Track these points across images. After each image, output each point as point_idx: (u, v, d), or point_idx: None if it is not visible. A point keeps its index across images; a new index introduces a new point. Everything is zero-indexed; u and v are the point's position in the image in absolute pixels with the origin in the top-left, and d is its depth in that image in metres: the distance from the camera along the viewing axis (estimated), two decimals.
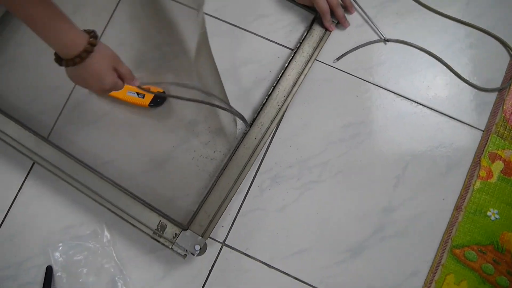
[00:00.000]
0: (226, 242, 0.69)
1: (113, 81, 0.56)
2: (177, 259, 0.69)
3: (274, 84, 0.71)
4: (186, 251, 0.67)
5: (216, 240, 0.69)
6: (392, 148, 0.71)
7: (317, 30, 0.73)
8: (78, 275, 0.69)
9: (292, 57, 0.72)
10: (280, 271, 0.68)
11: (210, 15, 0.77)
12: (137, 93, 0.69)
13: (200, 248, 0.66)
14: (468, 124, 0.71)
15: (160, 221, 0.67)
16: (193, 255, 0.67)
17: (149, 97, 0.69)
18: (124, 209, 0.67)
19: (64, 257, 0.70)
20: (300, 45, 0.72)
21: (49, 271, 0.69)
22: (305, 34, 0.73)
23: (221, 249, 0.69)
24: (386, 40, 0.73)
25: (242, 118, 0.67)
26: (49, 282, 0.69)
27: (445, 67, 0.72)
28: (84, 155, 0.72)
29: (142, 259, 0.69)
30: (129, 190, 0.69)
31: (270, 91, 0.71)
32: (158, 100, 0.70)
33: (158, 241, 0.67)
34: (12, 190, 0.72)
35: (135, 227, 0.67)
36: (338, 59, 0.72)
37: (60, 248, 0.70)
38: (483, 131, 0.71)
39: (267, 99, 0.71)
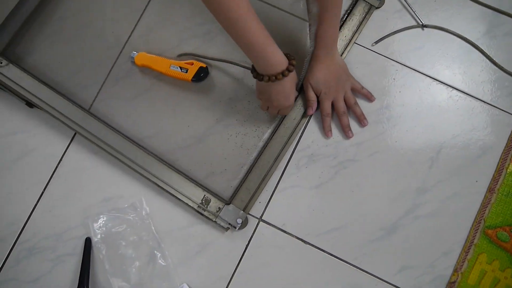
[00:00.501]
0: (263, 218, 0.71)
1: (293, 101, 0.66)
2: (214, 234, 0.70)
3: None
4: (229, 224, 0.68)
5: (254, 216, 0.71)
6: (427, 131, 0.72)
7: (357, 15, 0.74)
8: (117, 247, 0.70)
9: None
10: (315, 247, 0.70)
11: None
12: (180, 68, 0.71)
13: (242, 222, 0.68)
14: (502, 110, 0.72)
15: (205, 195, 0.69)
16: (235, 228, 0.68)
17: (192, 72, 0.71)
18: (169, 183, 0.69)
19: (103, 229, 0.71)
20: (340, 29, 0.73)
21: (88, 242, 0.70)
22: (345, 18, 0.75)
23: (258, 224, 0.71)
24: (423, 26, 0.74)
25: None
26: (88, 254, 0.70)
27: (481, 53, 0.74)
28: (126, 129, 0.73)
29: (180, 233, 0.71)
30: (172, 164, 0.71)
31: None
32: (201, 75, 0.71)
33: (202, 214, 0.68)
34: (53, 162, 0.73)
35: (180, 200, 0.69)
36: (376, 42, 0.74)
37: (100, 220, 0.71)
38: None
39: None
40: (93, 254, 0.70)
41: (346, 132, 0.71)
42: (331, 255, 0.69)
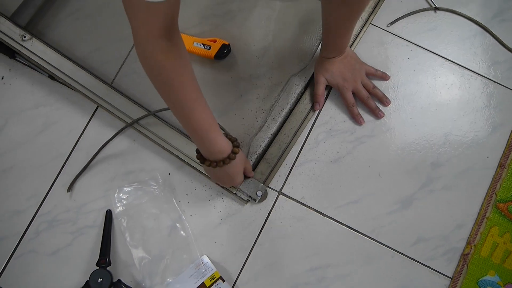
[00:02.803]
0: (282, 191, 0.72)
1: (240, 181, 0.66)
2: (234, 207, 0.71)
3: None
4: (249, 197, 0.69)
5: (273, 189, 0.72)
6: (441, 108, 0.75)
7: None
8: (138, 219, 0.71)
9: None
10: (333, 219, 0.71)
11: None
12: (203, 45, 0.72)
13: (262, 194, 0.69)
14: None
15: None
16: (255, 201, 0.69)
17: (215, 49, 0.72)
18: (191, 156, 0.70)
19: (124, 202, 0.71)
20: None
21: (108, 214, 0.71)
22: None
23: (277, 197, 0.72)
24: (436, 9, 0.77)
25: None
26: (109, 226, 0.70)
27: (491, 36, 0.77)
28: (148, 104, 0.74)
29: (201, 206, 0.72)
30: None
31: None
32: (225, 51, 0.72)
33: (223, 187, 0.70)
34: (74, 136, 0.74)
35: (201, 174, 0.70)
36: (391, 23, 0.77)
37: (121, 192, 0.71)
38: None
39: None
40: (113, 226, 0.71)
41: (376, 114, 0.73)
42: (349, 227, 0.71)
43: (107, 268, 0.66)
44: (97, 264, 0.67)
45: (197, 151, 0.59)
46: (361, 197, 0.72)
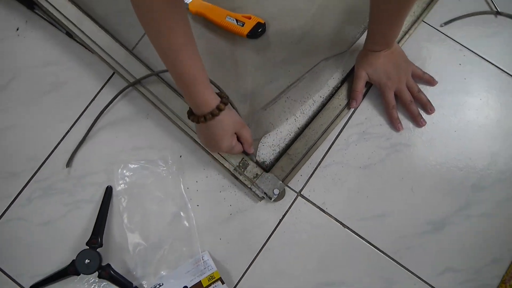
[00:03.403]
0: (302, 193, 0.65)
1: (229, 145, 0.58)
2: (247, 202, 0.64)
3: None
4: (264, 193, 0.62)
5: (292, 189, 0.65)
6: (491, 125, 0.66)
7: None
8: (139, 200, 0.64)
9: None
10: (354, 232, 0.63)
11: None
12: (237, 20, 0.66)
13: (279, 193, 0.62)
14: None
15: (243, 158, 0.63)
16: (270, 199, 0.62)
17: (248, 26, 0.66)
18: None
19: (128, 179, 0.65)
20: None
21: (108, 190, 0.65)
22: None
23: (295, 199, 0.65)
24: (497, 13, 0.69)
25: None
26: (107, 203, 0.64)
27: None
28: (168, 77, 0.67)
29: (210, 196, 0.65)
30: None
31: None
32: (259, 30, 0.66)
33: (238, 179, 0.63)
34: (85, 100, 0.68)
35: (216, 160, 0.63)
36: (446, 23, 0.69)
37: (125, 168, 0.65)
38: None
39: None
40: (112, 205, 0.64)
41: (418, 121, 0.65)
42: (370, 244, 0.63)
43: (98, 250, 0.60)
44: (87, 244, 0.60)
45: (189, 110, 0.56)
46: (388, 211, 0.64)
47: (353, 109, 0.67)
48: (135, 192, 0.64)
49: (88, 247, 0.60)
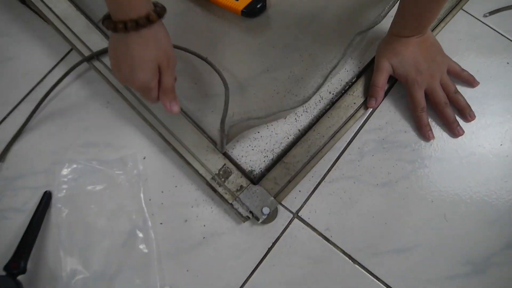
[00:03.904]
0: (299, 214, 0.50)
1: (146, 80, 0.40)
2: (225, 224, 0.49)
3: None
4: (250, 212, 0.47)
5: (287, 209, 0.50)
6: None
7: None
8: (84, 212, 0.49)
9: None
10: (367, 270, 0.48)
11: None
12: None
13: (269, 213, 0.47)
14: None
15: (225, 164, 0.48)
16: (258, 220, 0.47)
17: (244, 2, 0.53)
18: (179, 137, 0.49)
19: (73, 183, 0.50)
20: None
21: (46, 198, 0.49)
22: None
23: (291, 221, 0.49)
24: None
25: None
26: (42, 214, 0.48)
27: None
28: None
29: (179, 213, 0.49)
30: (190, 115, 0.52)
31: None
32: (258, 6, 0.53)
33: (216, 191, 0.47)
34: (32, 80, 0.54)
35: (189, 165, 0.48)
36: (490, 13, 0.57)
37: (71, 168, 0.50)
38: None
39: None
40: (49, 216, 0.49)
41: (453, 129, 0.51)
42: (387, 286, 0.48)
43: (18, 277, 0.44)
44: (5, 268, 0.44)
45: (107, 15, 0.40)
46: (412, 245, 0.48)
47: (371, 109, 0.53)
48: (79, 201, 0.49)
49: (5, 274, 0.44)
